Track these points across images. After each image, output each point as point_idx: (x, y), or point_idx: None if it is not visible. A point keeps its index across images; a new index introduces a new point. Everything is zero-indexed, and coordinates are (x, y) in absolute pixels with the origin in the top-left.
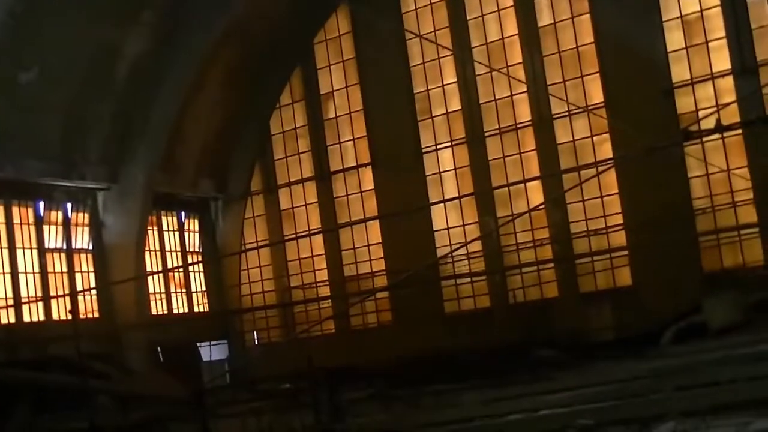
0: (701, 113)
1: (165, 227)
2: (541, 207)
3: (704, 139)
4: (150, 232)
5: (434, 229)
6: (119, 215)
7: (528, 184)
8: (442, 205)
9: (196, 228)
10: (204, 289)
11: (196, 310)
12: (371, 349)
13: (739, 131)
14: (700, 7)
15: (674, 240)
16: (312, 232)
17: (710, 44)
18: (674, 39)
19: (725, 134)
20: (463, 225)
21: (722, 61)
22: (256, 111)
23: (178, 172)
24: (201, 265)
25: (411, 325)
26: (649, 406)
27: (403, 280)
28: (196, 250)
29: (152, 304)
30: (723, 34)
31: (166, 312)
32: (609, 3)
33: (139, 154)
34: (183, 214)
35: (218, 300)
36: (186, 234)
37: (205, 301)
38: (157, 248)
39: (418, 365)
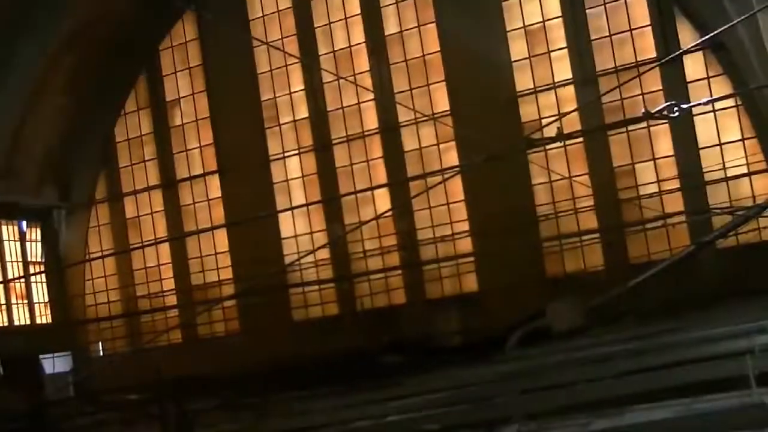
0: (544, 121)
1: (5, 236)
2: (388, 214)
3: (547, 147)
4: None
5: (282, 237)
6: None
7: (375, 191)
8: (290, 212)
9: (39, 237)
10: (47, 299)
11: (38, 321)
12: (219, 359)
13: (581, 139)
14: (543, 17)
15: (518, 246)
16: (158, 240)
17: (552, 54)
18: (518, 48)
19: (567, 142)
20: (311, 233)
21: (564, 70)
22: (101, 118)
23: (19, 179)
24: (44, 275)
25: (259, 333)
26: (495, 409)
27: (249, 288)
28: (39, 259)
29: None
30: (564, 44)
31: (6, 324)
32: (454, 12)
33: None
34: (24, 222)
35: (62, 311)
36: (28, 243)
37: (48, 312)
38: None
39: (266, 374)
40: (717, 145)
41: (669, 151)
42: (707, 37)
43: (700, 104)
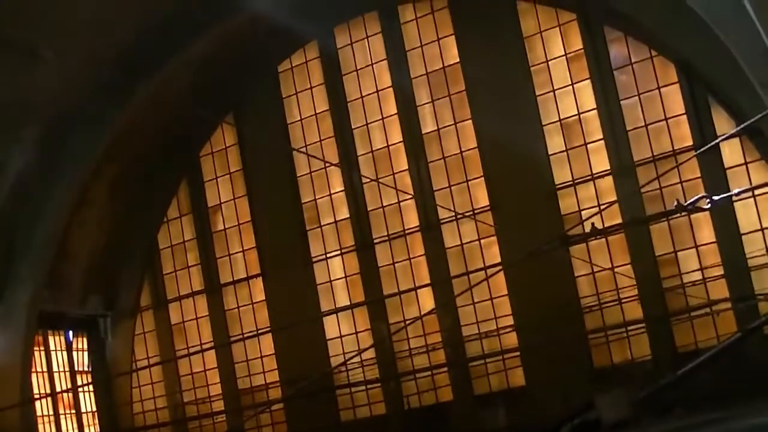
0: (584, 213)
1: (52, 347)
2: (432, 312)
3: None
4: (36, 353)
5: (327, 337)
6: (2, 336)
7: (419, 289)
8: (334, 313)
9: (85, 346)
10: (94, 409)
11: (86, 431)
12: None
13: (621, 230)
14: (578, 110)
15: (564, 338)
16: (204, 347)
17: (589, 146)
18: (554, 142)
19: (608, 233)
20: (356, 332)
21: (601, 161)
22: (144, 225)
23: (65, 289)
24: (91, 385)
25: None
26: None
27: (296, 391)
28: (85, 369)
29: (40, 427)
30: (601, 135)
31: None
32: (490, 108)
33: (22, 272)
34: (71, 332)
35: (109, 420)
36: (74, 353)
37: (96, 421)
38: (44, 369)
39: None
40: (759, 230)
41: (711, 238)
42: (742, 125)
43: (731, 195)
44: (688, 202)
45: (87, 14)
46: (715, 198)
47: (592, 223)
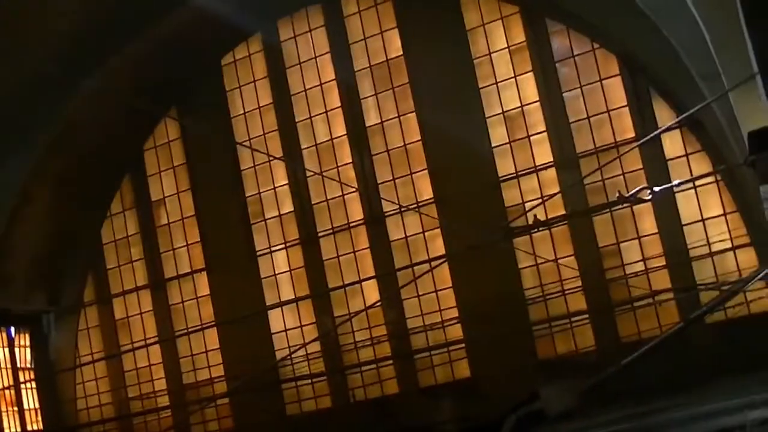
0: (527, 205)
1: None
2: (376, 305)
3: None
4: None
5: (272, 331)
6: None
7: (363, 282)
8: (279, 307)
9: (28, 343)
10: (37, 406)
11: (29, 428)
12: None
13: (564, 222)
14: (521, 102)
15: (509, 330)
16: (148, 343)
17: (532, 138)
18: (497, 134)
19: (551, 225)
20: (301, 326)
21: (545, 153)
22: (87, 220)
23: (7, 286)
24: (33, 381)
25: (253, 429)
26: None
27: (241, 385)
28: (28, 365)
29: None
30: (543, 128)
31: None
32: (433, 101)
33: None
34: (13, 329)
35: (53, 417)
36: (17, 349)
37: (39, 418)
38: None
39: None
40: (700, 220)
41: (653, 228)
42: (682, 116)
43: (671, 186)
44: (630, 193)
45: (30, 5)
46: (656, 189)
47: (535, 215)
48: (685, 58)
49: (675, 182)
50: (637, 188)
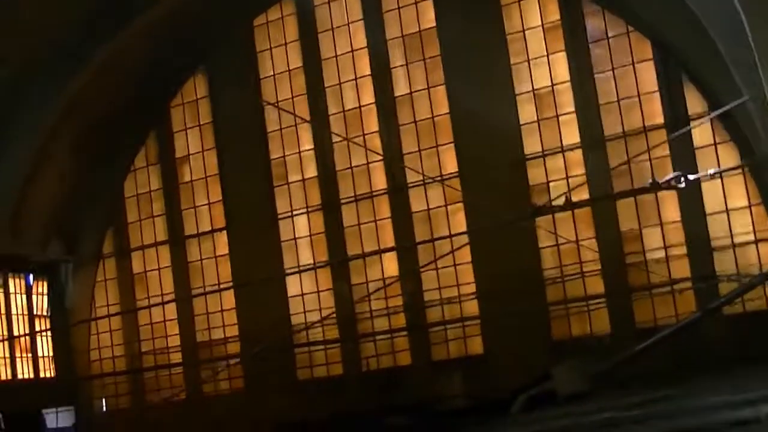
0: (551, 185)
1: (12, 290)
2: (395, 279)
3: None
4: None
5: (289, 295)
6: None
7: (383, 253)
8: (296, 271)
9: (45, 291)
10: (51, 354)
11: (42, 375)
12: (222, 417)
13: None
14: (551, 81)
15: (524, 309)
16: (165, 300)
17: (560, 118)
18: (526, 112)
19: (580, 206)
20: (318, 291)
21: (572, 134)
22: (110, 173)
23: (26, 233)
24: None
25: (263, 392)
26: None
27: (255, 348)
28: (44, 313)
29: None
30: (572, 108)
31: (10, 378)
32: (463, 75)
33: None
34: (31, 276)
35: (66, 366)
36: (34, 297)
37: (52, 366)
38: (3, 311)
39: None
40: (724, 211)
41: (676, 216)
42: (716, 112)
43: (706, 175)
44: (664, 179)
45: None
46: (691, 177)
47: (566, 196)
48: (718, 42)
49: (710, 171)
50: (672, 175)
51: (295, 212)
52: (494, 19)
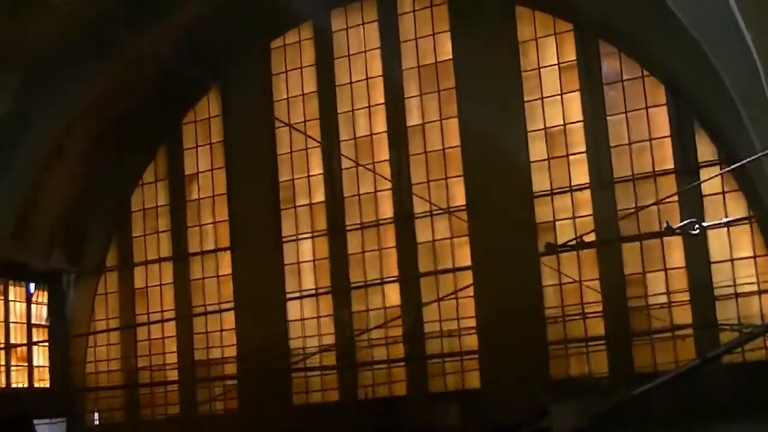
0: (558, 224)
1: (12, 297)
2: (396, 304)
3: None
4: None
5: (289, 318)
6: None
7: (386, 284)
8: (298, 295)
9: (46, 300)
10: (47, 364)
11: (36, 385)
12: None
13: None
14: (564, 120)
15: (524, 346)
16: (165, 318)
17: (571, 157)
18: (537, 149)
19: (593, 246)
20: (318, 317)
21: (581, 174)
22: (118, 186)
23: (31, 240)
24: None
25: (257, 414)
26: None
27: (252, 371)
28: (44, 323)
29: None
30: (584, 148)
31: (4, 385)
32: (476, 108)
33: None
34: (32, 284)
35: (61, 376)
36: (34, 306)
37: (48, 376)
38: (1, 319)
39: None
40: (729, 260)
41: (681, 262)
42: (733, 167)
43: (720, 224)
44: (678, 225)
45: None
46: (705, 224)
47: (581, 236)
48: (735, 95)
49: (722, 220)
50: (686, 221)
51: (300, 236)
52: (511, 55)
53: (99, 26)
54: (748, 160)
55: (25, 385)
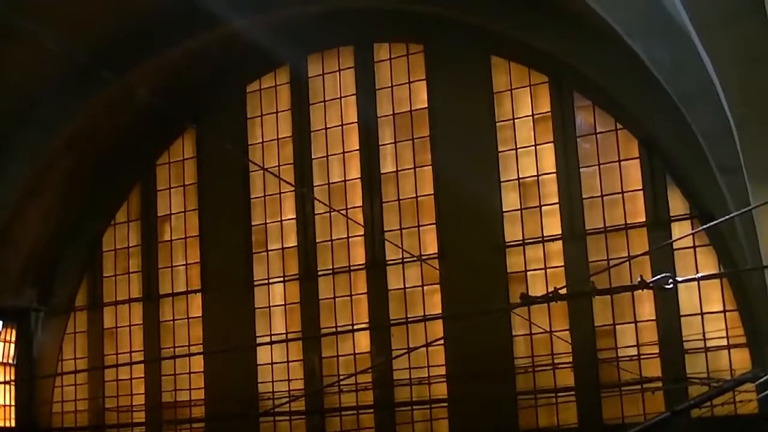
0: (529, 274)
1: None
2: (366, 350)
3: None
4: None
5: (258, 362)
6: None
7: (356, 331)
8: (268, 339)
9: (13, 339)
10: (13, 403)
11: (1, 425)
12: None
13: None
14: (537, 171)
15: (494, 395)
16: (133, 360)
17: (543, 208)
18: (510, 199)
19: (568, 298)
20: (287, 362)
21: (554, 225)
22: (90, 225)
23: (0, 278)
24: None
25: None
26: None
27: (219, 413)
28: (11, 361)
29: None
30: (556, 199)
31: None
32: (451, 157)
33: None
34: (1, 322)
35: (27, 416)
36: (1, 344)
37: (13, 415)
38: None
39: None
40: (699, 314)
41: (651, 315)
42: (703, 228)
43: (694, 279)
44: (652, 279)
45: (70, 6)
46: (679, 279)
47: (555, 287)
48: (706, 146)
49: (698, 275)
50: (661, 275)
51: (271, 280)
52: (486, 105)
53: (79, 65)
54: (722, 219)
55: None
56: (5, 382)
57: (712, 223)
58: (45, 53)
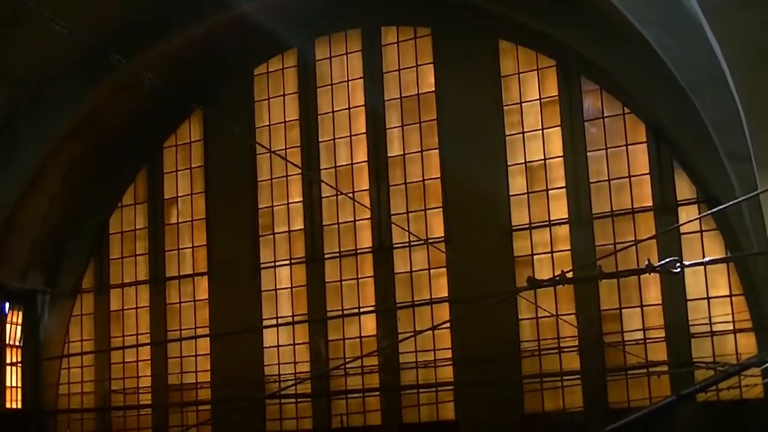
0: (536, 258)
1: None
2: (372, 333)
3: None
4: None
5: (264, 345)
6: None
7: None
8: (274, 322)
9: (20, 321)
10: (20, 385)
11: (8, 406)
12: None
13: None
14: (544, 155)
15: (500, 379)
16: (140, 342)
17: (550, 192)
18: (517, 183)
19: (575, 282)
20: (294, 344)
21: (560, 209)
22: (97, 208)
23: (7, 261)
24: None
25: None
26: None
27: (226, 397)
28: (17, 343)
29: None
30: (563, 183)
31: None
32: (458, 141)
33: None
34: (7, 305)
35: (33, 398)
36: (8, 326)
37: (20, 397)
38: None
39: None
40: (705, 298)
41: (657, 299)
42: (710, 212)
43: (701, 263)
44: (660, 263)
45: None
46: (686, 263)
47: (563, 270)
48: (713, 131)
49: (705, 260)
50: (668, 259)
51: (278, 263)
52: (493, 89)
53: (87, 50)
54: (729, 204)
55: None
56: (12, 364)
57: (718, 208)
58: (52, 40)
